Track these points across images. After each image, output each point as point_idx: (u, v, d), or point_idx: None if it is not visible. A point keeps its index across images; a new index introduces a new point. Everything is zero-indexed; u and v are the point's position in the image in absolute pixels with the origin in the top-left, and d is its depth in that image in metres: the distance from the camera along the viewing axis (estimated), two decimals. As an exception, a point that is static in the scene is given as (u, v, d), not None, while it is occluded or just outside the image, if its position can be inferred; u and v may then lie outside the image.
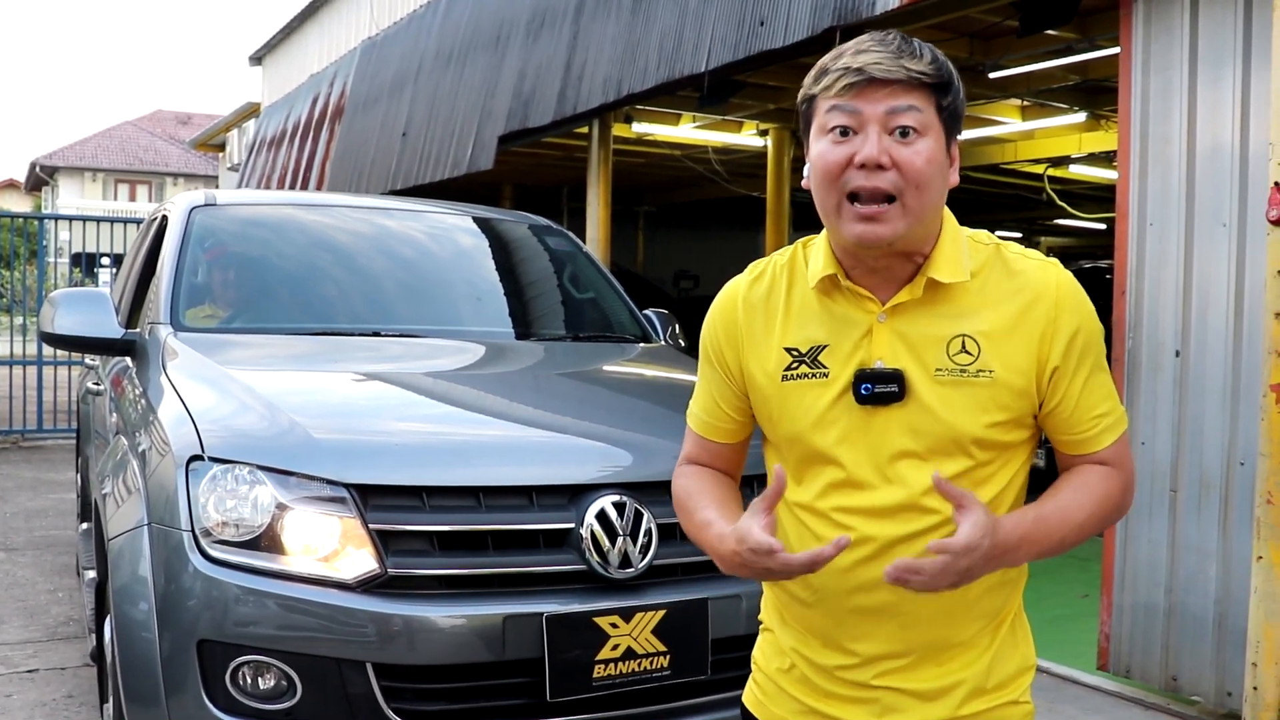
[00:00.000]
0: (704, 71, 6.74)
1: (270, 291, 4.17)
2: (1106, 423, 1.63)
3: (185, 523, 2.72)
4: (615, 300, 4.62)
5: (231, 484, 2.74)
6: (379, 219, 4.65)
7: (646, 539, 2.86)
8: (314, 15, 16.17)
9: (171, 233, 4.19)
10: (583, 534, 2.80)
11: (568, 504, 2.85)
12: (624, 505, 2.86)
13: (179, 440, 2.87)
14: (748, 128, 10.76)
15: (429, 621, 2.66)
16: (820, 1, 5.93)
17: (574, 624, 2.74)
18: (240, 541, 2.71)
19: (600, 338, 4.43)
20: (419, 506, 2.74)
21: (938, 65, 1.53)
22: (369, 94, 12.43)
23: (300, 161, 13.96)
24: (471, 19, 10.23)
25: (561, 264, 4.78)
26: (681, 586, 2.90)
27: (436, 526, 2.73)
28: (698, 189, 15.42)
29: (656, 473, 3.02)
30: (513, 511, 2.82)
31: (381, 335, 3.93)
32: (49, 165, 41.44)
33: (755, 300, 1.68)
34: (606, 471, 2.96)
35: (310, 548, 2.70)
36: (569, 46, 8.31)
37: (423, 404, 3.43)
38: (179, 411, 3.03)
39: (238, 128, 19.88)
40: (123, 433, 3.56)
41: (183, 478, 2.76)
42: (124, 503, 3.07)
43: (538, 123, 8.53)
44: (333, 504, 2.71)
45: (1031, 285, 1.59)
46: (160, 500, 2.83)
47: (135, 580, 2.81)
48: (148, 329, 3.86)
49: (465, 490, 2.79)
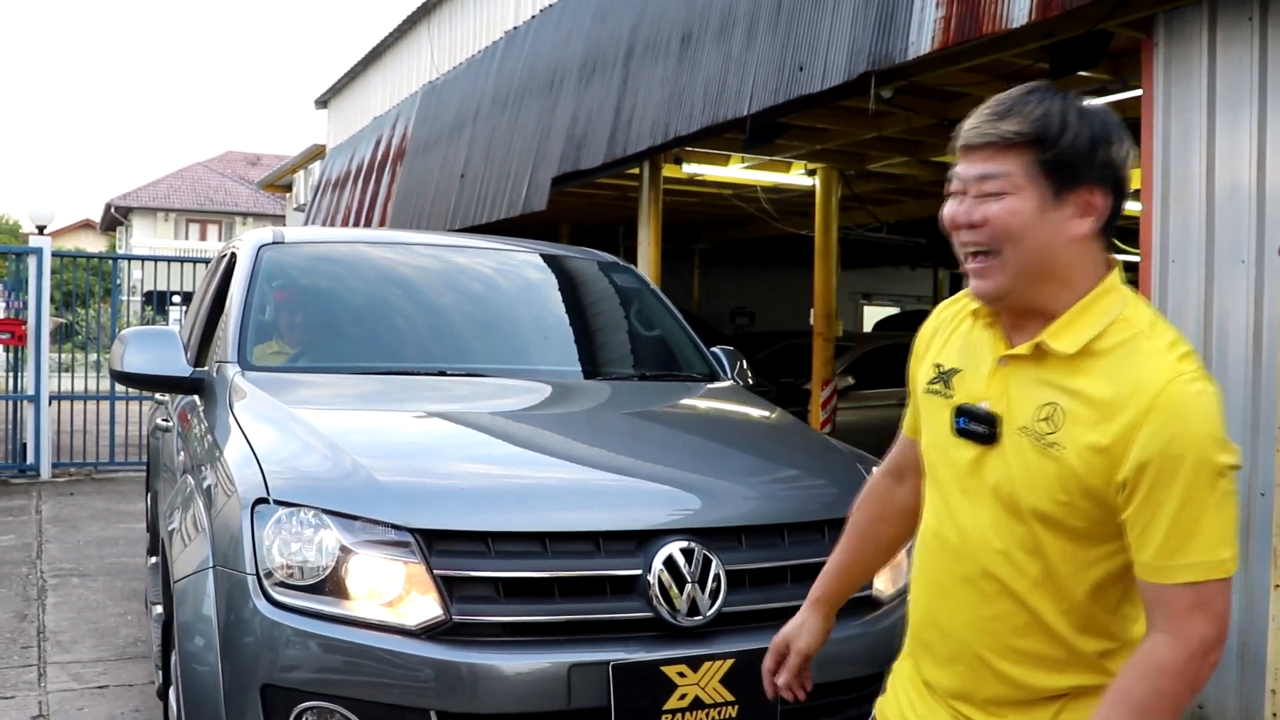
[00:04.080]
0: (746, 115, 6.91)
1: (337, 329, 4.16)
2: (1178, 563, 1.46)
3: (250, 565, 2.69)
4: (682, 338, 4.56)
5: (296, 527, 2.71)
6: (446, 256, 4.63)
7: (715, 586, 2.78)
8: (377, 60, 16.41)
9: (240, 270, 4.21)
10: (650, 581, 2.73)
11: (635, 549, 2.78)
12: (692, 551, 2.78)
13: (244, 482, 2.85)
14: (796, 167, 10.75)
15: (494, 670, 2.60)
16: (855, 47, 6.03)
17: (641, 673, 2.66)
18: (304, 585, 2.67)
19: (667, 376, 4.35)
20: (484, 552, 2.69)
21: (1033, 121, 1.54)
22: (429, 136, 12.57)
23: (363, 202, 14.12)
24: (526, 64, 10.37)
25: (628, 301, 4.73)
26: (750, 635, 2.81)
27: (502, 573, 2.67)
28: (750, 227, 15.38)
29: (725, 517, 2.95)
30: (579, 557, 2.75)
31: (448, 375, 3.88)
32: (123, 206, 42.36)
33: (945, 318, 1.81)
34: (675, 516, 2.89)
35: (374, 593, 2.65)
36: (619, 91, 8.46)
37: (488, 445, 3.36)
38: (244, 452, 3.02)
39: (304, 169, 20.17)
40: (190, 471, 3.55)
41: (248, 520, 2.74)
42: (190, 543, 3.05)
43: (589, 165, 8.65)
44: (397, 549, 2.66)
45: (1138, 381, 1.49)
46: (225, 542, 2.81)
47: (199, 620, 2.78)
48: (215, 367, 3.86)
49: (531, 536, 2.73)
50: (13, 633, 5.78)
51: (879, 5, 6.00)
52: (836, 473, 3.38)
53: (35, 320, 11.58)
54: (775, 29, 6.88)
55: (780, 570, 2.94)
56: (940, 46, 5.44)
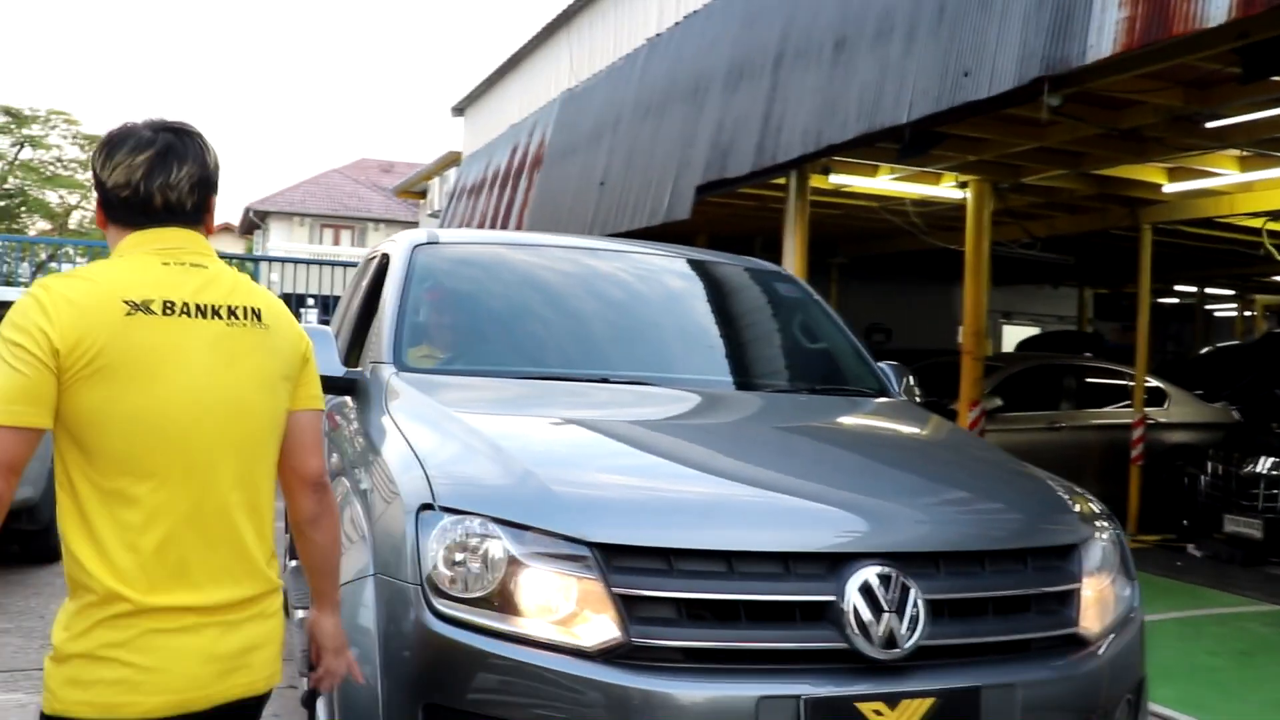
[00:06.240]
0: (905, 123, 6.67)
1: (493, 331, 4.01)
2: None
3: (414, 575, 2.53)
4: (850, 351, 4.31)
5: (463, 536, 2.53)
6: (602, 260, 4.45)
7: (914, 616, 2.53)
8: (515, 68, 16.48)
9: (394, 271, 4.09)
10: (844, 608, 2.50)
11: (826, 574, 2.55)
12: (889, 577, 2.54)
13: (408, 487, 2.69)
14: (946, 179, 10.39)
15: (674, 699, 2.38)
16: (1027, 51, 5.73)
17: (835, 709, 2.43)
18: (470, 598, 2.50)
19: (836, 390, 4.08)
20: (665, 570, 2.48)
21: None
22: (567, 143, 12.51)
23: (499, 208, 14.13)
24: (669, 72, 10.22)
25: (792, 311, 4.49)
26: (952, 672, 2.55)
27: (685, 593, 2.46)
28: (890, 242, 14.98)
29: (922, 542, 2.70)
30: (767, 580, 2.52)
31: (611, 382, 3.69)
32: (261, 210, 43.57)
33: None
34: (869, 539, 2.64)
35: (546, 609, 2.47)
36: (767, 98, 8.26)
37: (663, 457, 3.14)
38: (406, 455, 2.88)
39: (439, 176, 20.37)
40: (343, 474, 3.43)
41: (412, 527, 2.58)
42: (348, 548, 2.91)
43: (735, 173, 8.45)
44: (572, 563, 2.47)
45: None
46: (387, 549, 2.66)
47: (358, 631, 2.63)
48: (369, 368, 3.74)
49: (716, 554, 2.51)
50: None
51: (1053, 6, 5.68)
52: (1034, 497, 3.10)
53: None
54: (937, 33, 6.60)
55: (981, 602, 2.68)
56: (1124, 49, 5.14)
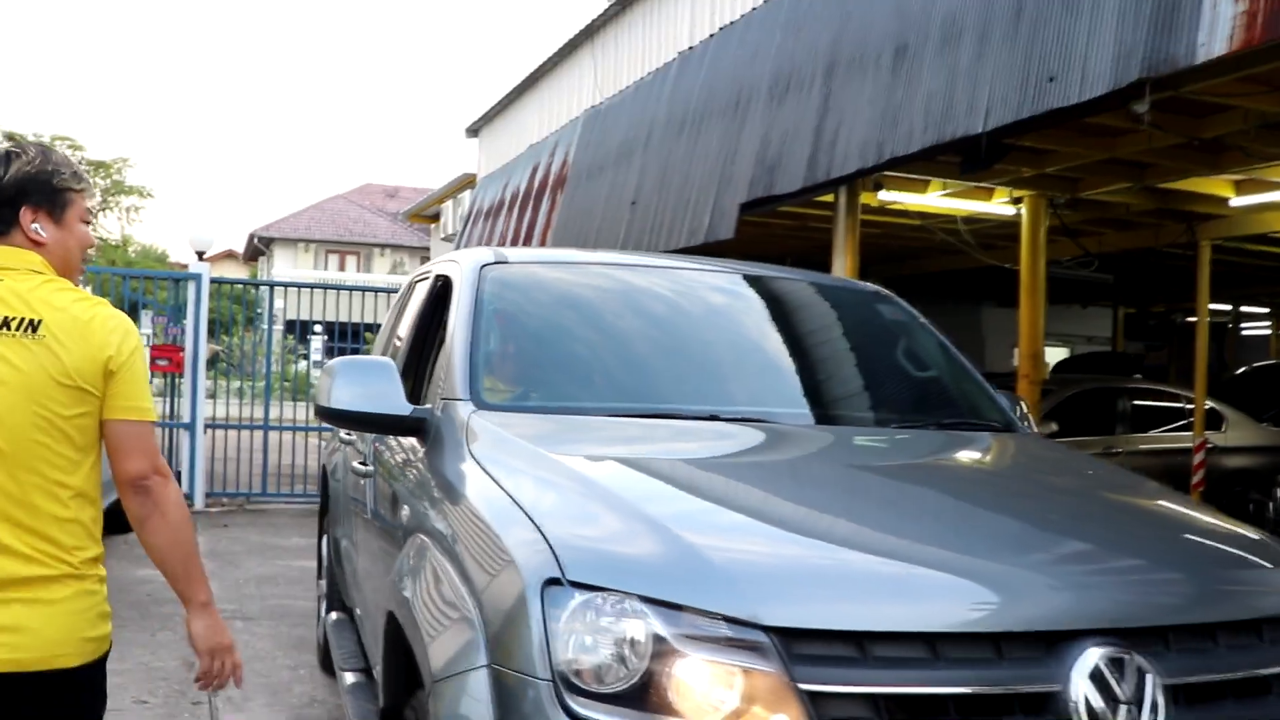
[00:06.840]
0: (981, 133, 6.22)
1: (580, 363, 3.54)
2: None
3: (543, 669, 2.06)
4: (969, 379, 3.83)
5: (602, 618, 2.06)
6: (690, 279, 3.98)
7: (1153, 705, 2.07)
8: (533, 86, 16.09)
9: (460, 295, 3.63)
10: (1073, 699, 2.03)
11: (1044, 656, 2.08)
12: (1122, 661, 2.08)
13: (526, 555, 2.22)
14: (999, 195, 9.98)
15: (877, 823, 1.92)
16: (1124, 50, 5.27)
17: (1073, 830, 1.96)
18: (610, 694, 2.03)
19: (964, 424, 3.57)
20: (859, 659, 2.01)
21: None
22: (593, 162, 12.09)
23: (519, 230, 13.71)
24: (705, 85, 9.79)
25: (897, 336, 4.01)
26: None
27: (884, 687, 1.98)
28: (920, 262, 14.55)
29: (1151, 612, 2.23)
30: (977, 667, 2.04)
31: (719, 419, 3.22)
32: (265, 236, 43.29)
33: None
34: (1089, 611, 2.16)
35: (709, 708, 1.99)
36: (819, 110, 7.81)
37: (823, 513, 2.63)
38: (508, 511, 2.42)
39: (452, 199, 19.97)
40: (420, 530, 2.96)
41: (537, 608, 2.10)
42: (446, 628, 2.44)
43: (785, 189, 8.00)
44: (741, 651, 2.00)
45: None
46: (504, 634, 2.18)
47: None
48: (440, 405, 3.28)
49: (916, 637, 2.05)
50: (181, 684, 5.51)
51: (1154, 1, 5.25)
52: (1252, 552, 2.62)
53: (193, 347, 11.41)
54: (1015, 37, 6.16)
55: (1218, 685, 2.21)
56: (1241, 46, 4.69)
